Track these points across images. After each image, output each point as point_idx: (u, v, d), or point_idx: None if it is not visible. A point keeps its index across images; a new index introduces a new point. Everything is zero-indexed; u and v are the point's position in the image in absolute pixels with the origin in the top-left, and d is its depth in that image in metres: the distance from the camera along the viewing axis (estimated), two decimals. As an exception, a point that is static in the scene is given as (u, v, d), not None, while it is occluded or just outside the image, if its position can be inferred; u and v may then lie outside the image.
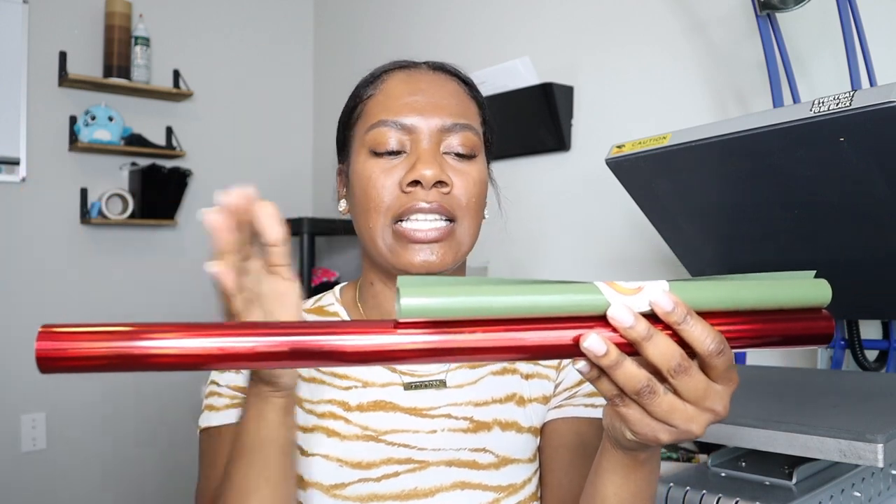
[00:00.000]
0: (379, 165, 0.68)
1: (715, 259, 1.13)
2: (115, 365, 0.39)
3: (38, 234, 2.41)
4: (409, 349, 0.40)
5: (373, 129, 0.69)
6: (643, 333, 0.41)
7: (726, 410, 0.45)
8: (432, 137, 0.69)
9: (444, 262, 0.68)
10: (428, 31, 2.37)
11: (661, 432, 0.45)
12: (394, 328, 0.41)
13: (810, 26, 1.31)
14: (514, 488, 0.71)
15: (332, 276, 2.62)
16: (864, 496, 0.81)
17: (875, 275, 0.97)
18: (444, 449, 0.70)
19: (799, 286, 0.45)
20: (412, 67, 0.74)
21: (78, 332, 0.38)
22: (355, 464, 0.68)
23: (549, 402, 0.75)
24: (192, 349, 0.39)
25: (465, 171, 0.69)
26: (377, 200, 0.68)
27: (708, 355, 0.42)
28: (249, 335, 0.40)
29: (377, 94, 0.72)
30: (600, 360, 0.41)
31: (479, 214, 0.71)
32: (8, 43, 2.33)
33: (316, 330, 0.40)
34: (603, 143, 1.66)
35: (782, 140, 0.85)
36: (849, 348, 1.17)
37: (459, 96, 0.72)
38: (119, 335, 0.39)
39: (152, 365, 0.39)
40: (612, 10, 1.74)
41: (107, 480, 2.51)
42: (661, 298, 0.41)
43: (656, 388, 0.43)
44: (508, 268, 1.99)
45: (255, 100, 2.89)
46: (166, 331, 0.39)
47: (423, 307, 0.39)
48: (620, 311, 0.41)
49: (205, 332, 0.40)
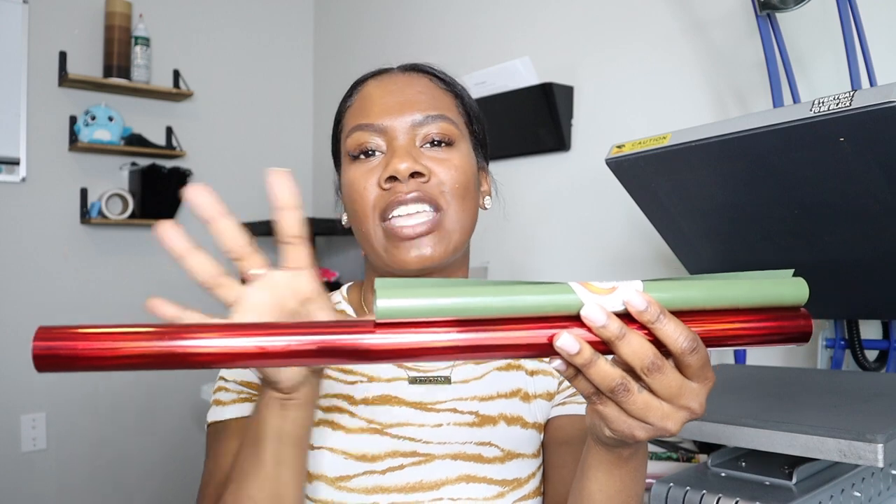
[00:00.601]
0: (360, 170, 0.70)
1: (715, 259, 1.13)
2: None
3: (38, 234, 2.41)
4: (384, 349, 0.41)
5: (350, 135, 0.71)
6: (616, 332, 0.42)
7: (702, 408, 0.45)
8: (406, 134, 0.70)
9: (437, 254, 0.68)
10: (428, 32, 2.37)
11: (637, 429, 0.45)
12: (373, 328, 0.41)
13: (810, 26, 1.31)
14: (519, 482, 0.71)
15: (332, 276, 2.62)
16: (864, 496, 0.81)
17: (875, 275, 0.97)
18: (450, 442, 0.70)
19: (776, 285, 0.45)
20: (385, 73, 0.75)
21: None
22: (360, 456, 0.69)
23: (553, 398, 0.76)
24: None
25: (443, 159, 0.70)
26: (363, 202, 0.69)
27: (681, 353, 0.43)
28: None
29: (353, 103, 0.74)
30: (573, 358, 0.42)
31: (466, 201, 0.71)
32: (8, 43, 2.33)
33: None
34: (603, 143, 1.66)
35: (782, 140, 0.85)
36: (849, 348, 1.17)
37: (431, 91, 0.73)
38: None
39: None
40: (612, 10, 1.74)
41: (107, 480, 2.51)
42: (634, 298, 0.42)
43: (630, 387, 0.43)
44: (508, 268, 1.99)
45: (255, 100, 2.89)
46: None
47: (400, 308, 0.40)
48: (593, 310, 0.41)
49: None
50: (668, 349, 0.43)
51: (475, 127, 0.77)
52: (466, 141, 0.74)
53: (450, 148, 0.71)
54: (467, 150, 0.73)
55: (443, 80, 0.75)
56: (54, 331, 0.40)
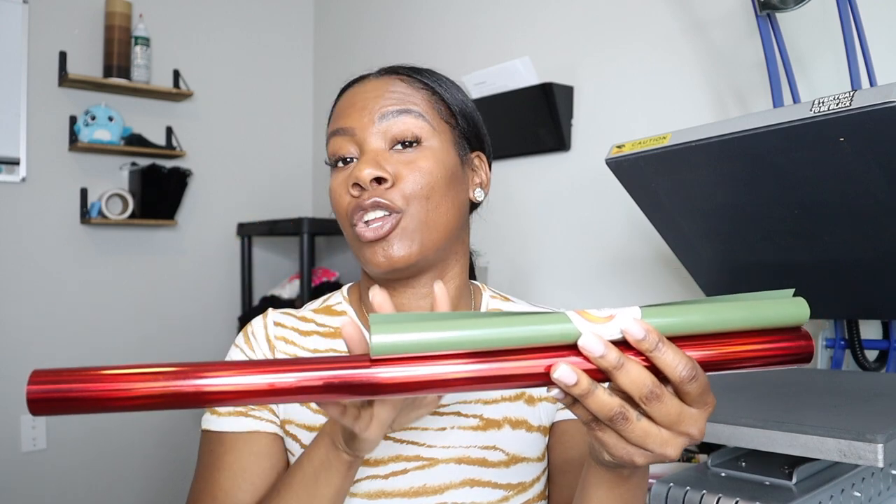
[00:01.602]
0: (337, 178, 0.71)
1: (715, 259, 1.13)
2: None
3: (38, 234, 2.41)
4: (387, 382, 0.41)
5: (328, 142, 0.72)
6: (614, 362, 0.41)
7: (702, 434, 0.45)
8: (373, 135, 0.69)
9: (405, 253, 0.67)
10: (428, 32, 2.37)
11: (636, 455, 0.45)
12: (369, 363, 0.41)
13: (810, 26, 1.31)
14: (524, 486, 0.71)
15: (332, 276, 2.62)
16: (864, 496, 0.81)
17: (875, 275, 0.97)
18: (454, 446, 0.70)
19: (775, 306, 0.45)
20: (363, 78, 0.75)
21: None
22: (363, 461, 0.69)
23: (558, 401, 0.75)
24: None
25: (409, 161, 0.69)
26: (339, 210, 0.70)
27: (680, 382, 0.43)
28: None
29: (333, 109, 0.75)
30: (571, 389, 0.42)
31: (432, 200, 0.69)
32: (8, 43, 2.33)
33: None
34: (603, 143, 1.66)
35: (782, 140, 0.85)
36: (849, 348, 1.17)
37: (402, 88, 0.71)
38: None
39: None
40: (612, 10, 1.74)
41: (107, 480, 2.51)
42: (632, 326, 0.42)
43: (629, 415, 0.43)
44: (508, 268, 1.99)
45: (255, 100, 2.89)
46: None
47: (395, 343, 0.40)
48: (591, 340, 0.41)
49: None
50: (667, 377, 0.43)
51: (458, 120, 0.74)
52: (442, 135, 0.71)
53: (417, 147, 0.69)
54: (440, 146, 0.71)
55: (416, 78, 0.73)
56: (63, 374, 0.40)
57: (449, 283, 0.75)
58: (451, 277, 0.75)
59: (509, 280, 1.99)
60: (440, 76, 0.76)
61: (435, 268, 0.73)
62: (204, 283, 2.73)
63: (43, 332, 2.41)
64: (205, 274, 2.73)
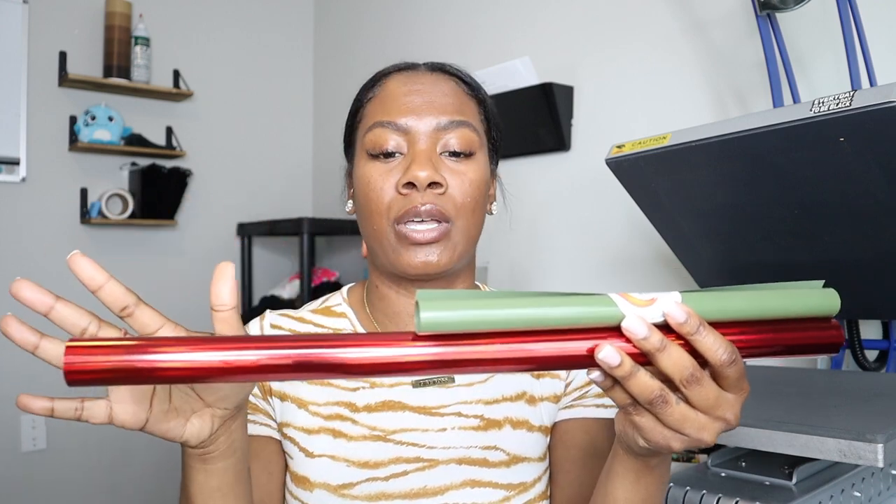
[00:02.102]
0: (377, 168, 0.69)
1: (715, 259, 1.13)
2: (123, 378, 0.40)
3: (38, 234, 2.41)
4: (422, 360, 0.41)
5: (370, 131, 0.70)
6: (657, 345, 0.42)
7: (737, 419, 0.45)
8: (428, 137, 0.69)
9: (442, 262, 0.68)
10: (428, 32, 2.37)
11: (673, 440, 0.45)
12: (412, 340, 0.41)
13: (810, 26, 1.31)
14: (525, 486, 0.71)
15: (332, 276, 2.62)
16: (864, 496, 0.81)
17: (875, 275, 0.97)
18: (455, 447, 0.70)
19: (808, 296, 0.45)
20: (411, 69, 0.74)
21: (94, 347, 0.40)
22: (363, 463, 0.69)
23: (560, 401, 0.75)
24: (197, 362, 0.40)
25: (460, 171, 0.69)
26: (378, 203, 0.68)
27: (720, 365, 0.43)
28: (254, 348, 0.40)
29: (375, 97, 0.72)
30: (614, 370, 0.42)
31: (475, 214, 0.71)
32: (8, 43, 2.33)
33: (322, 342, 0.40)
34: (603, 143, 1.66)
35: (782, 140, 0.85)
36: (849, 348, 1.17)
37: (457, 94, 0.72)
38: (126, 349, 0.40)
39: (158, 378, 0.39)
40: (612, 10, 1.74)
41: (107, 480, 2.51)
42: (675, 310, 0.42)
43: (669, 398, 0.43)
44: (508, 268, 1.99)
45: (255, 100, 2.89)
46: (171, 344, 0.40)
47: (442, 320, 0.40)
48: (635, 322, 0.41)
49: (209, 345, 0.40)
50: (707, 361, 0.43)
51: (493, 134, 0.76)
52: (484, 149, 0.73)
53: (468, 159, 0.70)
54: (484, 160, 0.72)
55: (469, 85, 0.74)
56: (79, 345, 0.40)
57: (460, 287, 0.75)
58: (463, 279, 0.76)
59: (509, 280, 1.99)
60: (480, 84, 0.76)
61: (449, 278, 0.73)
62: (204, 283, 2.72)
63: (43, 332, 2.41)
64: (205, 274, 2.73)
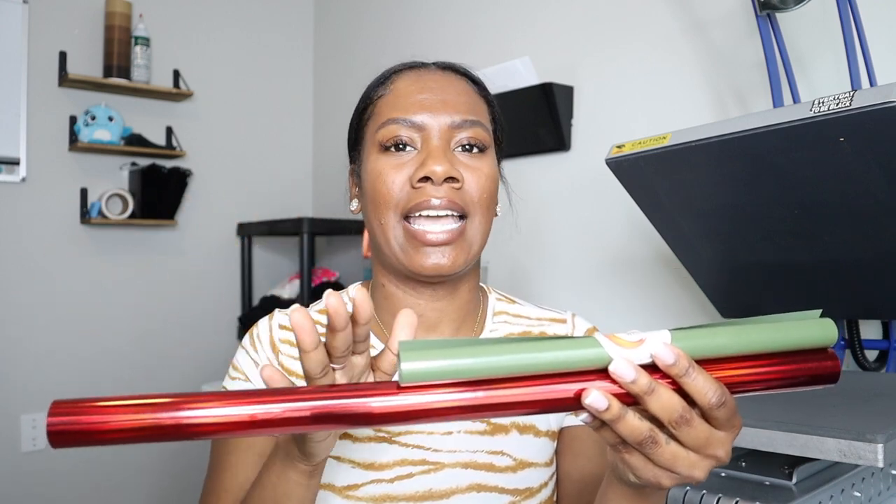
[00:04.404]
0: (389, 162, 0.69)
1: (715, 259, 1.13)
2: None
3: (38, 234, 2.41)
4: (420, 409, 0.41)
5: (383, 127, 0.69)
6: (645, 388, 0.41)
7: (728, 455, 0.45)
8: (442, 134, 0.69)
9: (456, 264, 0.68)
10: (428, 32, 2.37)
11: (663, 478, 0.45)
12: (397, 390, 0.41)
13: (810, 26, 1.31)
14: (531, 492, 0.71)
15: (332, 276, 2.62)
16: (864, 496, 0.81)
17: (875, 275, 0.97)
18: (461, 451, 0.70)
19: (802, 327, 0.45)
20: (421, 67, 0.74)
21: (107, 406, 0.39)
22: (368, 465, 0.68)
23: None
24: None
25: (475, 167, 0.69)
26: (387, 195, 0.68)
27: (709, 408, 0.43)
28: (252, 403, 0.40)
29: (387, 94, 0.72)
30: (602, 414, 0.42)
31: (490, 211, 0.71)
32: (8, 43, 2.33)
33: (336, 394, 0.41)
34: (603, 143, 1.66)
35: (782, 140, 0.85)
36: (849, 348, 1.17)
37: (468, 94, 0.72)
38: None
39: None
40: (612, 10, 1.74)
41: (107, 481, 2.51)
42: (663, 351, 0.41)
43: (658, 439, 0.43)
44: (509, 268, 1.99)
45: (255, 100, 2.89)
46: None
47: (425, 370, 0.40)
48: (622, 366, 0.41)
49: (231, 400, 0.40)
50: (696, 403, 0.43)
51: (499, 135, 0.76)
52: (493, 149, 0.73)
53: (481, 155, 0.70)
54: (494, 159, 0.73)
55: (479, 85, 0.75)
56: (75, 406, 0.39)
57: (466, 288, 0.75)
58: (468, 279, 0.75)
59: (509, 280, 1.99)
60: (486, 86, 0.77)
61: (460, 274, 0.73)
62: (204, 283, 2.73)
63: (43, 332, 2.41)
64: (205, 274, 2.73)
